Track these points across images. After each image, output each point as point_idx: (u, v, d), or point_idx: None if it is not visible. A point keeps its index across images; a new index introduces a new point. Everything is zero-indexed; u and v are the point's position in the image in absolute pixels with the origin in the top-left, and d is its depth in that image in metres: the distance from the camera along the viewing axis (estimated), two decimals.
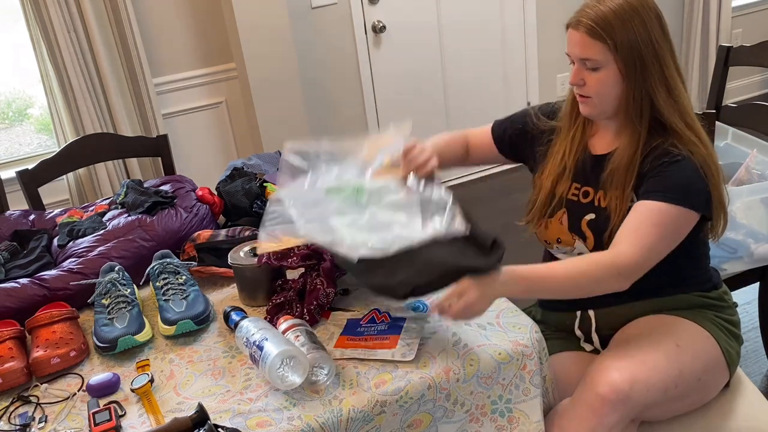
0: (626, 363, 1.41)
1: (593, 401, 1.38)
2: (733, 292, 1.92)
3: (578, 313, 1.65)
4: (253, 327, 1.38)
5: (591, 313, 1.63)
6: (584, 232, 1.57)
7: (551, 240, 1.65)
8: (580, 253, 1.60)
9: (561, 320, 1.68)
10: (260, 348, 1.31)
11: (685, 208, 1.43)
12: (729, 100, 3.63)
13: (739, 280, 2.13)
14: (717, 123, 2.15)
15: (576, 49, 1.49)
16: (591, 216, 1.56)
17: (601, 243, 1.53)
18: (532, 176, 1.73)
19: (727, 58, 2.54)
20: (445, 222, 1.38)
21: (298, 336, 1.37)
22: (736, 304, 1.66)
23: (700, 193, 1.45)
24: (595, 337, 1.64)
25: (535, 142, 1.70)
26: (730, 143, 2.38)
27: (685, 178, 1.44)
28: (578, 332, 1.66)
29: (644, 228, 1.42)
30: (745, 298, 2.68)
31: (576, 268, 1.40)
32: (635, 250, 1.40)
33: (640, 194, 1.48)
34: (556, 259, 1.67)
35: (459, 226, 1.37)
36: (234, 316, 1.49)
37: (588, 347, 1.66)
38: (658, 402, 1.44)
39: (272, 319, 1.51)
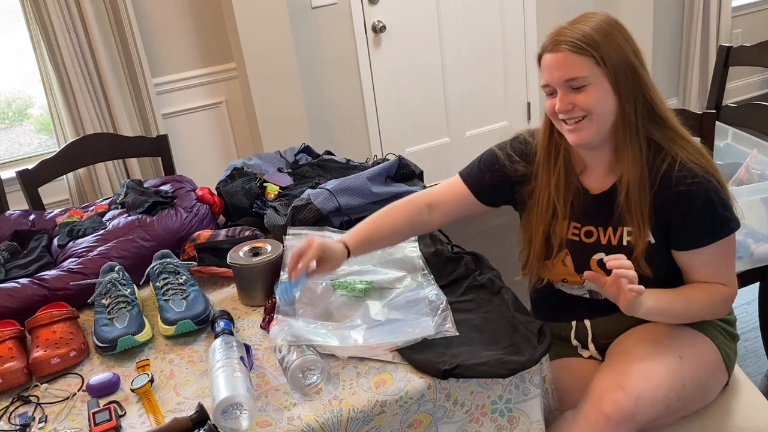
0: (630, 380, 1.40)
1: (598, 420, 1.38)
2: None
3: (574, 323, 1.63)
4: (218, 354, 1.33)
5: (587, 323, 1.61)
6: (595, 272, 1.51)
7: (556, 280, 1.61)
8: (590, 290, 1.58)
9: (557, 330, 1.65)
10: (213, 382, 1.28)
11: (734, 232, 1.46)
12: (729, 100, 3.64)
13: (739, 280, 2.12)
14: (717, 123, 2.15)
15: (558, 72, 1.41)
16: (601, 255, 1.51)
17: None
18: (520, 215, 1.67)
19: (727, 58, 2.54)
20: (435, 324, 1.44)
21: None
22: None
23: (732, 212, 1.45)
24: (591, 346, 1.62)
25: (515, 185, 1.61)
26: (730, 143, 2.38)
27: (719, 208, 1.42)
28: (575, 342, 1.65)
29: (726, 263, 1.49)
30: (745, 298, 2.68)
31: (698, 303, 1.48)
32: (733, 282, 1.51)
33: (688, 242, 1.46)
34: (557, 291, 1.63)
35: (449, 329, 1.43)
36: (217, 328, 1.45)
37: (585, 353, 1.64)
38: (661, 416, 1.44)
39: (269, 318, 1.52)
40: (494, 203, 1.64)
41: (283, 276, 1.55)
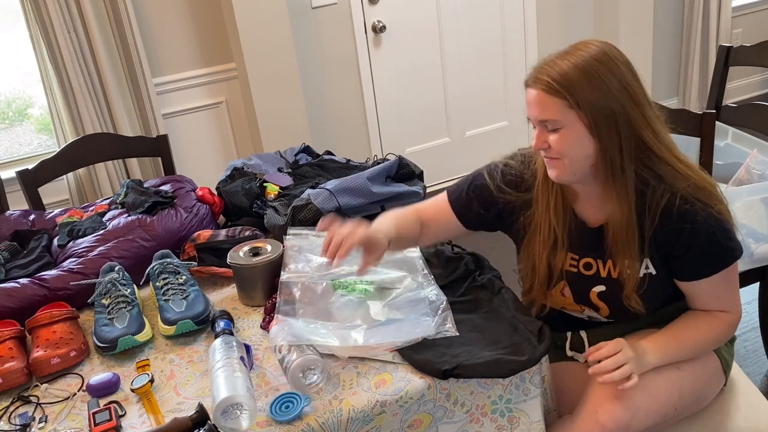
0: (627, 391, 1.39)
1: (593, 430, 1.38)
2: None
3: (569, 334, 1.62)
4: (218, 354, 1.33)
5: (583, 333, 1.60)
6: (596, 303, 1.51)
7: (555, 307, 1.59)
8: (590, 317, 1.56)
9: (552, 339, 1.65)
10: (213, 382, 1.28)
11: (737, 259, 1.44)
12: (729, 100, 3.64)
13: (740, 280, 2.12)
14: (717, 123, 2.15)
15: (533, 110, 1.36)
16: (601, 288, 1.49)
17: (617, 311, 1.49)
18: (515, 244, 1.61)
19: (727, 58, 2.54)
20: (435, 325, 1.44)
21: None
22: None
23: (735, 239, 1.42)
24: None
25: (508, 215, 1.56)
26: (730, 143, 2.38)
27: (721, 239, 1.39)
28: (570, 353, 1.62)
29: (730, 289, 1.48)
30: (745, 298, 2.67)
31: (703, 343, 1.48)
32: (737, 308, 1.50)
33: (691, 274, 1.44)
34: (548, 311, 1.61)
35: (449, 329, 1.43)
36: (217, 328, 1.45)
37: (581, 359, 1.62)
38: (657, 424, 1.44)
39: (269, 318, 1.51)
40: (479, 229, 1.60)
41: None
